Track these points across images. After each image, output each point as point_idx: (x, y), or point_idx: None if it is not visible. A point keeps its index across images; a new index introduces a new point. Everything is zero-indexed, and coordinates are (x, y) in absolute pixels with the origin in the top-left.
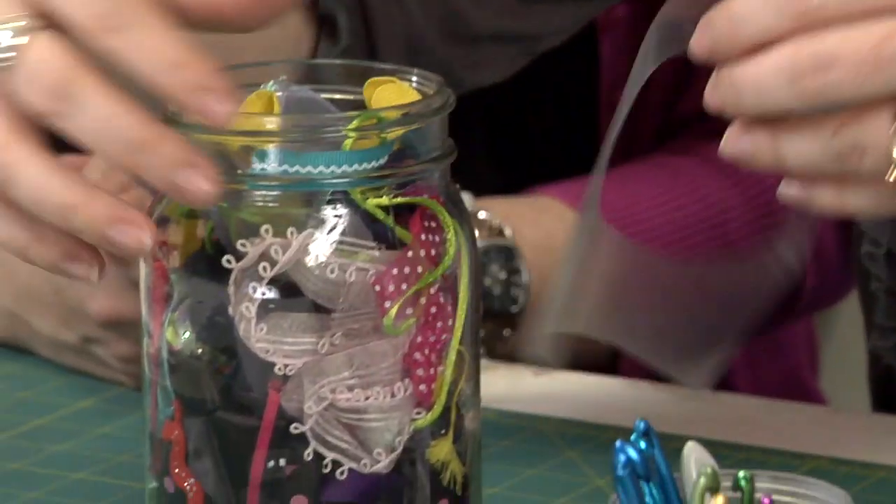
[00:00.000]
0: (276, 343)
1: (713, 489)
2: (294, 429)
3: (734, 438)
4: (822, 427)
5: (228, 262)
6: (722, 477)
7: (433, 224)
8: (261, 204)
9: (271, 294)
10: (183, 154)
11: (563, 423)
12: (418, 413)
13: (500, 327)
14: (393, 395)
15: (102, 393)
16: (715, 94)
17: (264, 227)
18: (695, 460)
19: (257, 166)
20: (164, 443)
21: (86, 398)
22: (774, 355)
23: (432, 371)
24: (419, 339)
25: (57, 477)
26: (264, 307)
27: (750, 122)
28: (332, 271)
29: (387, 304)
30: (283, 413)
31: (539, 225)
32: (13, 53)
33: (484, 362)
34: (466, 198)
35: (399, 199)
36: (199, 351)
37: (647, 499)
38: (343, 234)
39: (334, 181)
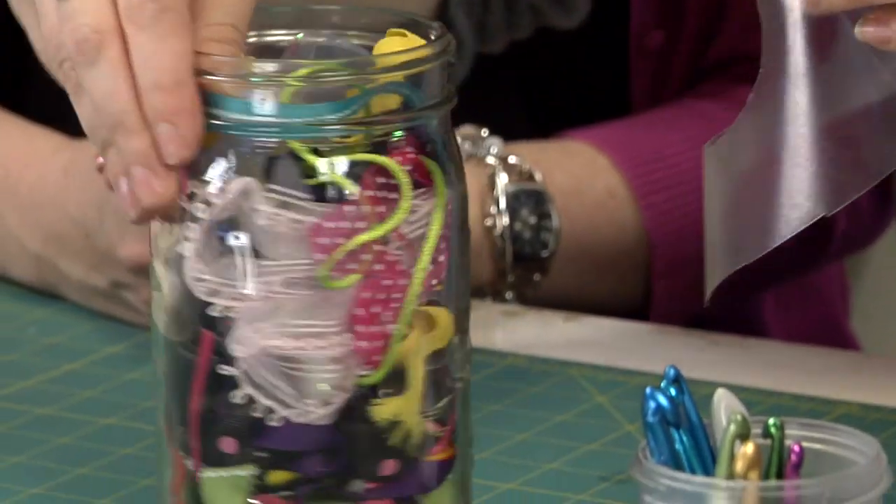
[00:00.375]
0: (213, 283)
1: (743, 436)
2: (221, 370)
3: (764, 384)
4: (853, 373)
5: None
6: (752, 424)
7: (386, 181)
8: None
9: (212, 236)
10: (145, 154)
11: (593, 369)
12: (365, 370)
13: (529, 272)
14: (331, 348)
15: (132, 338)
16: None
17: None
18: (725, 407)
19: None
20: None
21: (115, 343)
22: (807, 301)
23: (379, 329)
24: (363, 294)
25: (86, 422)
26: (206, 247)
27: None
28: (268, 219)
29: (320, 257)
30: (220, 354)
31: (569, 169)
32: None
33: (514, 308)
34: (496, 143)
35: (360, 155)
36: (166, 286)
37: (677, 446)
38: (282, 183)
39: (273, 130)
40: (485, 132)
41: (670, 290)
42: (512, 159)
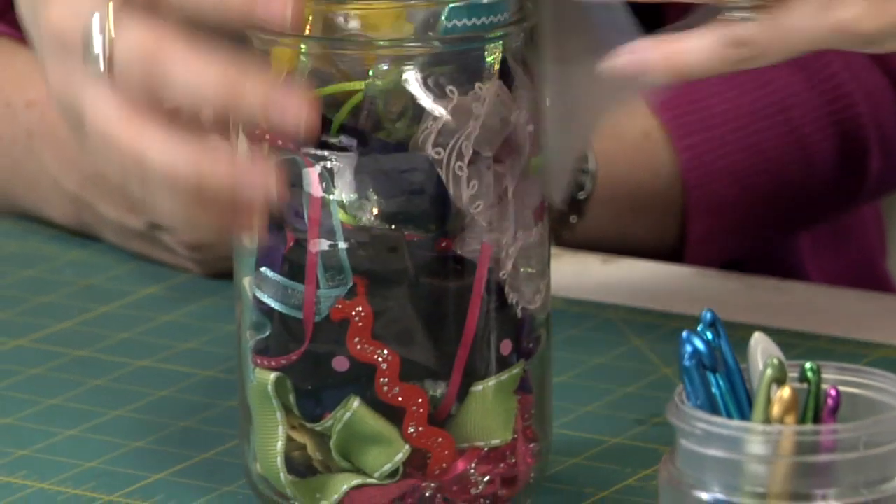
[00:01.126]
0: (482, 198)
1: (780, 380)
2: (503, 275)
3: (801, 327)
4: (891, 316)
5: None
6: (788, 368)
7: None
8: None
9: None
10: (270, 86)
11: (630, 312)
12: None
13: (566, 214)
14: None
15: (168, 280)
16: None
17: (449, 87)
18: (761, 351)
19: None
20: (333, 324)
21: (152, 285)
22: (843, 243)
23: None
24: None
25: (122, 364)
26: (472, 164)
27: None
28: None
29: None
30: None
31: None
32: (102, 38)
33: (551, 250)
34: None
35: None
36: (391, 224)
37: (714, 389)
38: (508, 82)
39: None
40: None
41: (705, 232)
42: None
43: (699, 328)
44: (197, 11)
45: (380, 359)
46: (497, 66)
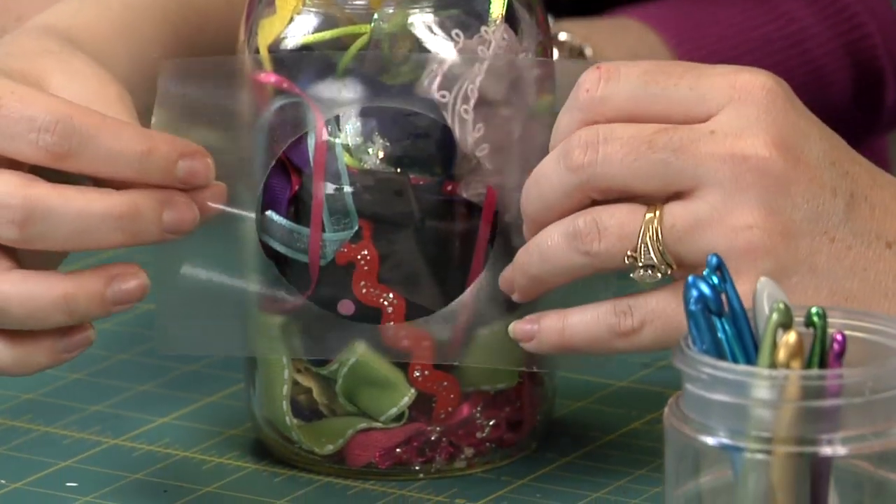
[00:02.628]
0: (487, 141)
1: (786, 325)
2: (508, 219)
3: None
4: None
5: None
6: (794, 312)
7: None
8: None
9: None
10: (160, 197)
11: None
12: None
13: None
14: None
15: None
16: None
17: (454, 31)
18: (767, 296)
19: None
20: (338, 268)
21: None
22: None
23: None
24: None
25: None
26: (478, 107)
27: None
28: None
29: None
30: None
31: (621, 45)
32: None
33: None
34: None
35: None
36: (397, 168)
37: (720, 334)
38: (514, 25)
39: None
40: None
41: None
42: (562, 36)
43: (705, 272)
44: (109, 166)
45: (385, 302)
46: (503, 9)
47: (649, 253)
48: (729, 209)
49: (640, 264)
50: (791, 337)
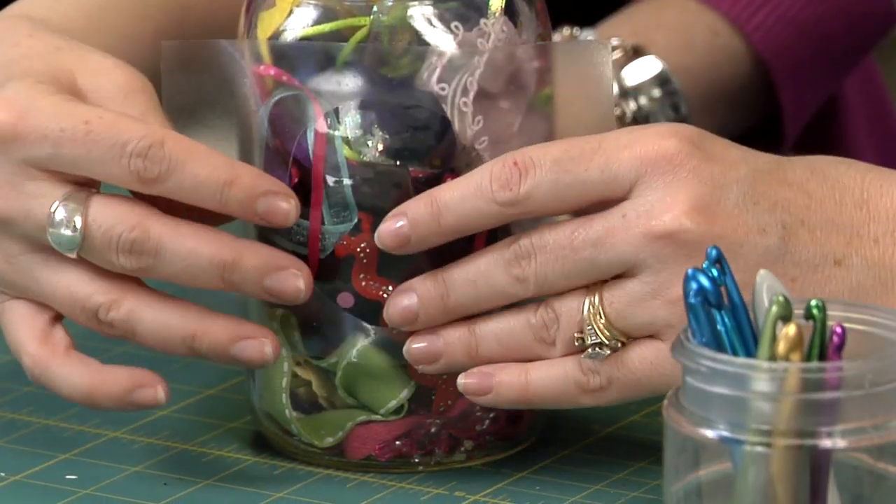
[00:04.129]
0: (486, 134)
1: (785, 317)
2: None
3: None
4: None
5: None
6: (794, 305)
7: None
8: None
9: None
10: (266, 260)
11: None
12: None
13: None
14: None
15: None
16: (409, 306)
17: (454, 23)
18: (767, 288)
19: None
20: (338, 260)
21: None
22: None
23: None
24: None
25: None
26: (477, 100)
27: (441, 324)
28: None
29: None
30: None
31: (666, 26)
32: (76, 225)
33: None
34: (590, 34)
35: None
36: (396, 160)
37: (719, 327)
38: (514, 18)
39: None
40: (577, 30)
41: (796, 94)
42: (613, 41)
43: (705, 265)
44: (193, 193)
45: (385, 295)
46: (502, 2)
47: (597, 334)
48: (661, 285)
49: (588, 343)
50: (791, 329)
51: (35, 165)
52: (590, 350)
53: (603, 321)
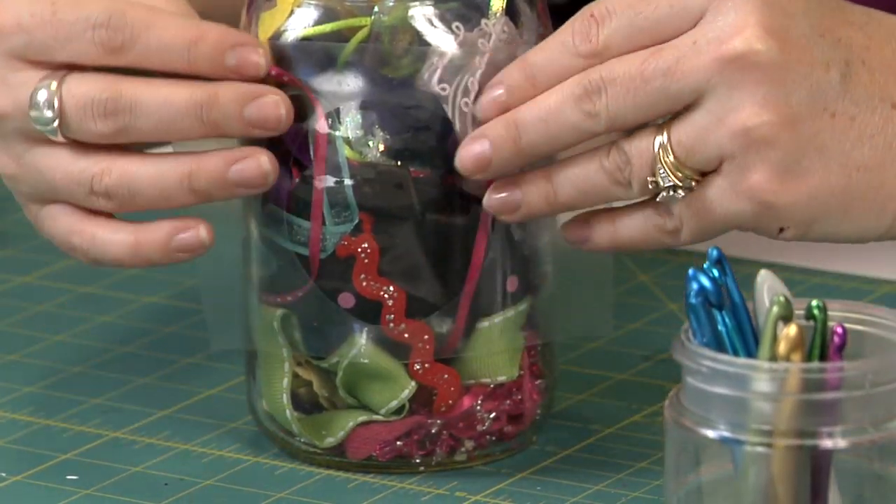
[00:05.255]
0: None
1: (786, 318)
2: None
3: (807, 264)
4: None
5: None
6: (795, 305)
7: None
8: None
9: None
10: (243, 90)
11: None
12: None
13: None
14: None
15: None
16: (482, 151)
17: (455, 23)
18: (767, 288)
19: None
20: (339, 261)
21: None
22: None
23: None
24: None
25: (129, 300)
26: (478, 99)
27: (512, 176)
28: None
29: None
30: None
31: None
32: (54, 104)
33: None
34: None
35: None
36: (397, 160)
37: (720, 327)
38: (514, 18)
39: None
40: None
41: None
42: None
43: (705, 265)
44: (160, 57)
45: (386, 295)
46: (503, 2)
47: (669, 176)
48: (726, 111)
49: (663, 186)
50: (791, 330)
51: (16, 56)
52: (664, 193)
53: (672, 160)
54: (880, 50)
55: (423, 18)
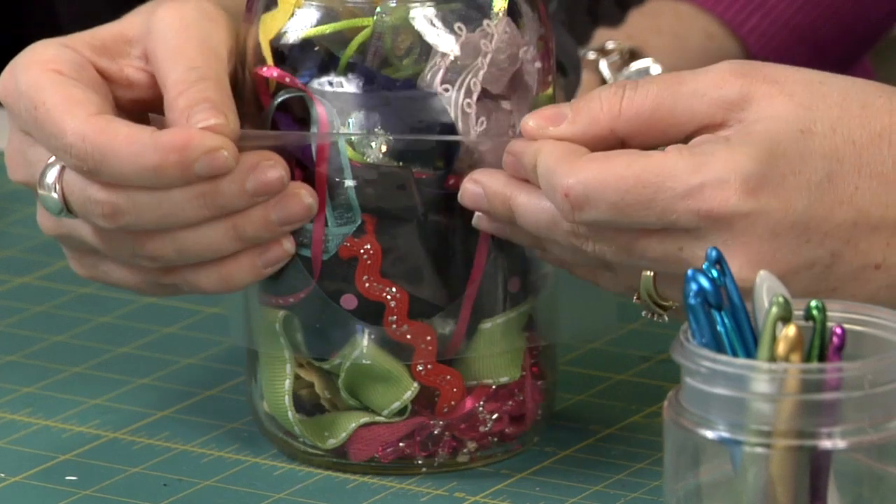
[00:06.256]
0: (488, 134)
1: (785, 319)
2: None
3: None
4: None
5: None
6: (794, 306)
7: None
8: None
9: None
10: (237, 169)
11: None
12: None
13: None
14: None
15: None
16: (480, 199)
17: (457, 24)
18: (767, 289)
19: None
20: (341, 262)
21: None
22: None
23: None
24: None
25: (128, 301)
26: (480, 101)
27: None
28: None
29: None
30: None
31: (660, 29)
32: (57, 188)
33: None
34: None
35: None
36: (400, 162)
37: (719, 328)
38: (517, 19)
39: None
40: (615, 44)
41: None
42: (610, 45)
43: (704, 266)
44: (133, 182)
45: (388, 296)
46: (505, 3)
47: (650, 306)
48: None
49: (647, 309)
50: (790, 330)
51: (28, 133)
52: (648, 314)
53: (656, 296)
54: (868, 218)
55: (425, 19)
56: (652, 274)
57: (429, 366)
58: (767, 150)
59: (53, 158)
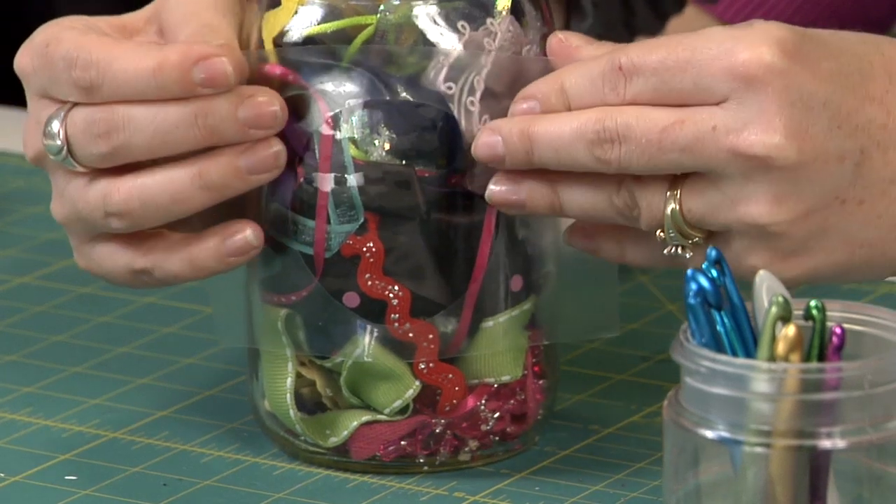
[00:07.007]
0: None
1: (785, 318)
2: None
3: None
4: None
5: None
6: (793, 306)
7: None
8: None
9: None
10: (234, 93)
11: None
12: None
13: None
14: None
15: None
16: (496, 145)
17: (460, 22)
18: (766, 289)
19: None
20: (344, 260)
21: None
22: None
23: None
24: None
25: (128, 301)
26: (484, 99)
27: (520, 172)
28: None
29: None
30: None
31: (662, 31)
32: (61, 133)
33: None
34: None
35: None
36: (403, 160)
37: (719, 327)
38: (520, 17)
39: None
40: None
41: None
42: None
43: (704, 266)
44: (130, 91)
45: (391, 295)
46: (509, 1)
47: (677, 237)
48: (740, 199)
49: (671, 243)
50: (790, 330)
51: (40, 95)
52: (671, 248)
53: (682, 225)
54: None
55: (428, 17)
56: (677, 205)
57: (431, 364)
58: (803, 32)
59: (57, 109)
